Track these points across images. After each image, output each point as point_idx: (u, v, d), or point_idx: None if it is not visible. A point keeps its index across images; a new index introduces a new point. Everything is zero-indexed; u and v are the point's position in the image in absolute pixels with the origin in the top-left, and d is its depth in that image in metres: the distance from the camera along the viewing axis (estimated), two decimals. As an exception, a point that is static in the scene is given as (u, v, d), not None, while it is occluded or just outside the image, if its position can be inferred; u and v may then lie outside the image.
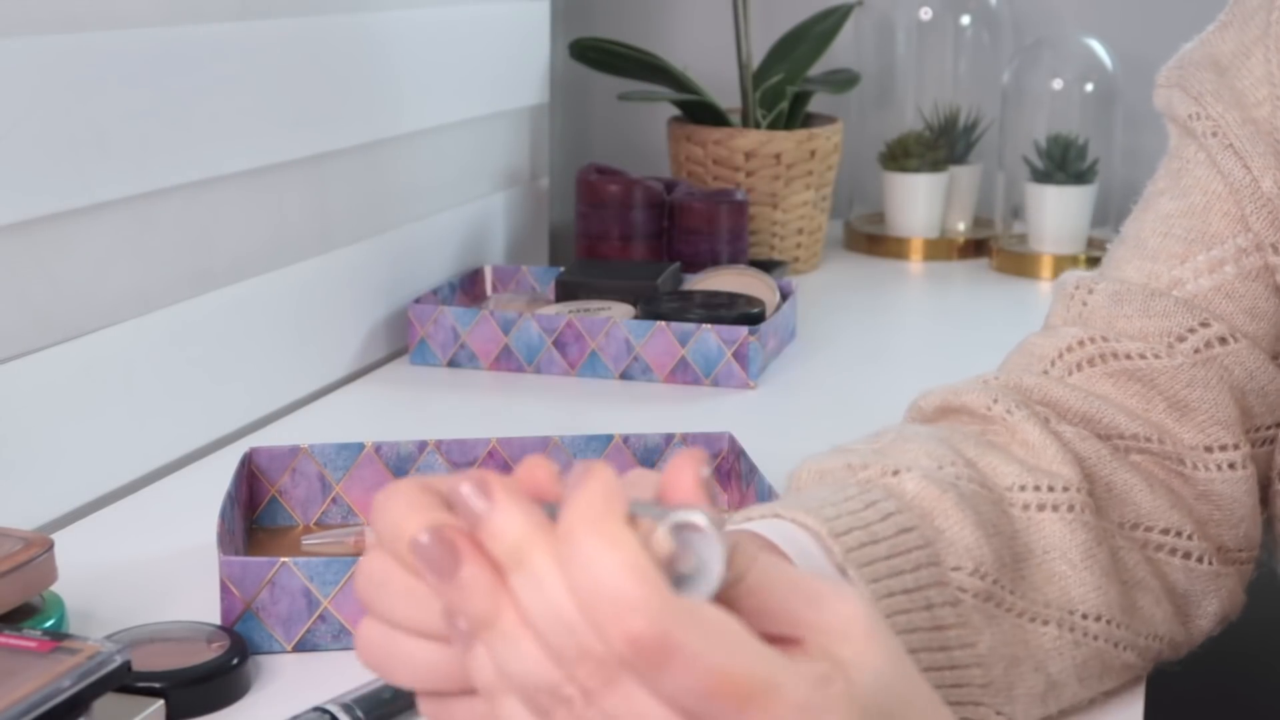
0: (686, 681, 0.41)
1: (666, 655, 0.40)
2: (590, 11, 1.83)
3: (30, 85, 0.91)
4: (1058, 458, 0.72)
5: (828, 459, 0.71)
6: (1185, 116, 0.81)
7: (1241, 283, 0.78)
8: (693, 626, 0.41)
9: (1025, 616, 0.68)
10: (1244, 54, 0.81)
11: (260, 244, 1.15)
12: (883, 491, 0.66)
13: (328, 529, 0.93)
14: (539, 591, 0.42)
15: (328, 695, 0.70)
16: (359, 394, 1.23)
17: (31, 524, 0.92)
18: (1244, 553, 0.78)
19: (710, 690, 0.41)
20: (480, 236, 1.49)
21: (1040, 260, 1.62)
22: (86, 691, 0.62)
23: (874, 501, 0.65)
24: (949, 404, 0.77)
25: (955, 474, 0.69)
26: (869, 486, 0.67)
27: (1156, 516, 0.75)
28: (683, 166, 1.61)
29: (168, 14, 1.03)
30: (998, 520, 0.69)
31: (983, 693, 0.66)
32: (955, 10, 1.74)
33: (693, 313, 1.26)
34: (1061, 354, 0.79)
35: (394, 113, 1.31)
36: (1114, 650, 0.72)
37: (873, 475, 0.68)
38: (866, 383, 1.26)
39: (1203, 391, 0.76)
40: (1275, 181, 0.78)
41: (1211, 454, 0.76)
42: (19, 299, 0.92)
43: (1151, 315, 0.78)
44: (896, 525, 0.64)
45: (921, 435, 0.72)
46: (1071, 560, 0.70)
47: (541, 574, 0.42)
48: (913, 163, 1.70)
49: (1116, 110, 1.62)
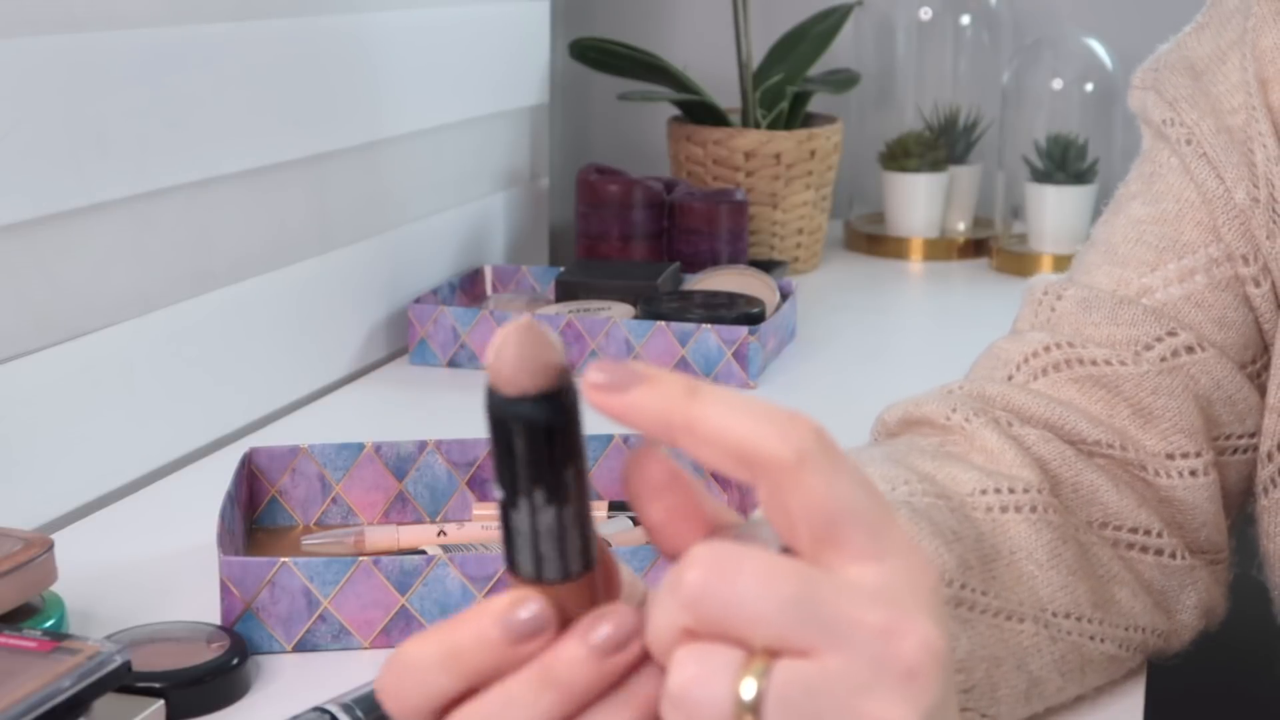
0: (847, 474, 0.41)
1: (835, 447, 0.41)
2: (590, 11, 1.83)
3: (30, 85, 0.91)
4: (1017, 461, 0.73)
5: None
6: (1160, 121, 0.81)
7: (1211, 292, 0.78)
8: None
9: (1001, 615, 0.68)
10: (1220, 58, 0.81)
11: (260, 244, 1.15)
12: None
13: (328, 529, 0.93)
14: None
15: (328, 695, 0.70)
16: (359, 394, 1.23)
17: (31, 524, 0.92)
18: (1209, 555, 0.78)
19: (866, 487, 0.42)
20: (480, 236, 1.49)
21: (1040, 260, 1.62)
22: (86, 691, 0.62)
23: None
24: (910, 415, 0.78)
25: (908, 491, 0.69)
26: None
27: (1125, 515, 0.75)
28: (683, 166, 1.61)
29: (167, 14, 1.03)
30: (958, 527, 0.69)
31: (967, 698, 0.66)
32: (955, 10, 1.74)
33: (693, 313, 1.26)
34: (1027, 359, 0.79)
35: (394, 113, 1.31)
36: (1091, 644, 0.72)
37: None
38: (866, 383, 1.26)
39: (1167, 399, 0.76)
40: (1248, 193, 0.78)
41: (1173, 461, 0.76)
42: (19, 299, 0.92)
43: (1119, 323, 0.78)
44: None
45: (876, 459, 0.73)
46: (1038, 560, 0.70)
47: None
48: (913, 163, 1.70)
49: (1116, 110, 1.62)
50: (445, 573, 0.79)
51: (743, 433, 0.41)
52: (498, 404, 0.40)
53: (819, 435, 0.41)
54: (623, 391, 0.41)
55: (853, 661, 0.40)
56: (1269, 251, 0.77)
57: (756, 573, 0.40)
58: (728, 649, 0.40)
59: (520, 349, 0.40)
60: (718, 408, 0.41)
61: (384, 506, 0.95)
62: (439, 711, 0.43)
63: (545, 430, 0.40)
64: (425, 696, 0.42)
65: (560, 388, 0.40)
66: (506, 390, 0.40)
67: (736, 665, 0.40)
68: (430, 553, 0.82)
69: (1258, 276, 0.78)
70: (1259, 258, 0.78)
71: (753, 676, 0.40)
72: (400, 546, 0.89)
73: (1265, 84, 0.78)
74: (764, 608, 0.40)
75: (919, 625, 0.40)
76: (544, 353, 0.40)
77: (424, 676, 0.42)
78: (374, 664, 0.76)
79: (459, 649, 0.42)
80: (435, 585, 0.79)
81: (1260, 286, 0.78)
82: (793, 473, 0.40)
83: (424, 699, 0.43)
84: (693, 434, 0.41)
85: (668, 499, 0.42)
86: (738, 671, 0.40)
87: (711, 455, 0.41)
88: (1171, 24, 0.87)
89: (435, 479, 0.95)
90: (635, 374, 0.41)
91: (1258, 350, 0.79)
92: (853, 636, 0.40)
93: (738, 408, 0.41)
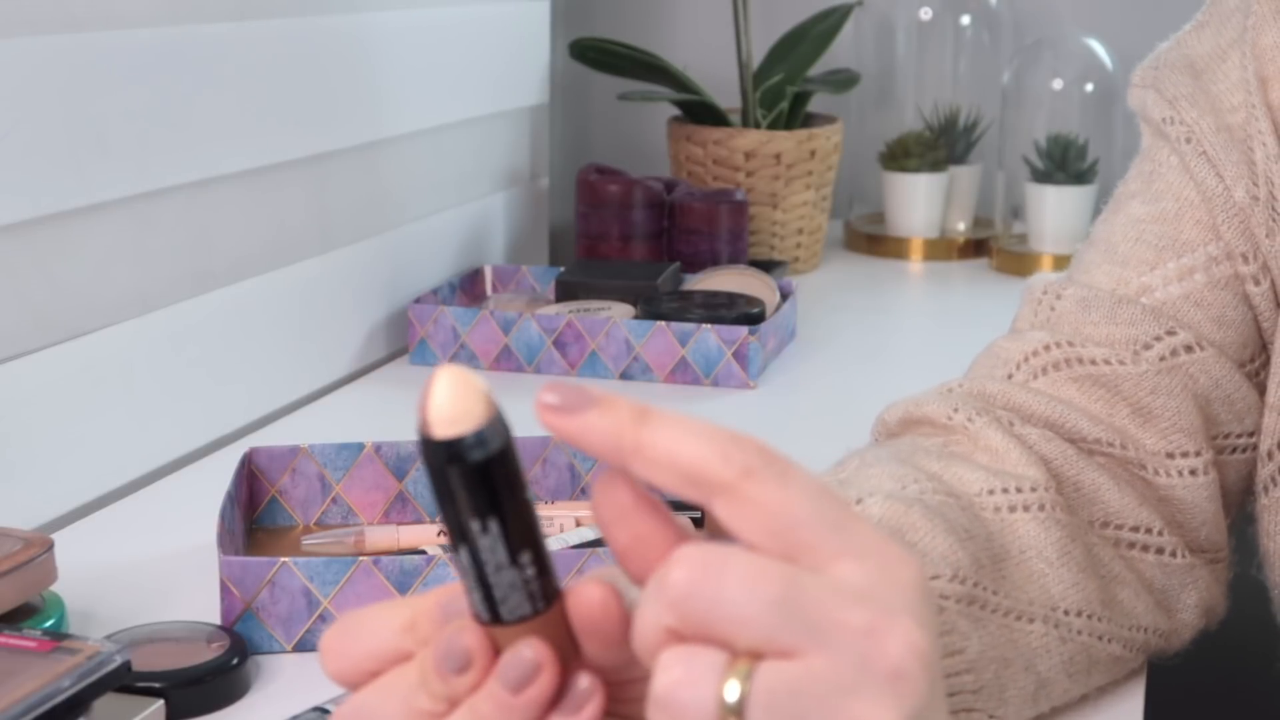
0: (805, 485, 0.42)
1: (784, 464, 0.42)
2: (590, 11, 1.83)
3: (30, 85, 0.91)
4: (1022, 460, 0.73)
5: None
6: (1159, 120, 0.81)
7: (1211, 291, 0.78)
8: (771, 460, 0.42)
9: (1011, 615, 0.68)
10: (1220, 57, 0.81)
11: (260, 244, 1.15)
12: None
13: (328, 529, 0.93)
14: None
15: (328, 695, 0.70)
16: (359, 394, 1.23)
17: (31, 524, 0.92)
18: (1209, 554, 0.79)
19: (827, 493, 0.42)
20: (480, 236, 1.49)
21: (1040, 260, 1.62)
22: (86, 691, 0.62)
23: None
24: (911, 415, 0.78)
25: (920, 490, 0.69)
26: None
27: (1126, 514, 0.75)
28: (683, 166, 1.61)
29: (167, 14, 1.03)
30: (970, 525, 0.69)
31: (975, 698, 0.66)
32: (955, 10, 1.74)
33: (693, 313, 1.26)
34: (1026, 358, 0.79)
35: (394, 113, 1.31)
36: (1099, 644, 0.72)
37: None
38: (866, 383, 1.26)
39: (1166, 399, 0.76)
40: (1247, 191, 0.78)
41: (1173, 460, 0.76)
42: (19, 299, 0.92)
43: (1118, 322, 0.78)
44: None
45: (883, 458, 0.73)
46: (1048, 558, 0.70)
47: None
48: (913, 163, 1.70)
49: (1116, 110, 1.62)
50: (445, 573, 0.79)
51: (689, 455, 0.41)
52: (428, 448, 0.41)
53: (763, 451, 0.42)
54: (574, 414, 0.42)
55: (837, 663, 0.40)
56: (1268, 250, 0.77)
57: (741, 573, 0.40)
58: (712, 651, 0.40)
59: (449, 390, 0.40)
60: (665, 431, 0.41)
61: (384, 506, 0.95)
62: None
63: (477, 468, 0.40)
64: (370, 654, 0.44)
65: (487, 424, 0.40)
66: (436, 433, 0.40)
67: (721, 667, 0.40)
68: (430, 553, 0.82)
69: (1257, 275, 0.78)
70: (1258, 256, 0.78)
71: (736, 678, 0.40)
72: (400, 546, 0.89)
73: (1265, 82, 0.78)
74: (748, 609, 0.40)
75: (902, 625, 0.40)
76: (470, 393, 0.40)
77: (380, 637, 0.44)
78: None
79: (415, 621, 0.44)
80: (435, 585, 0.79)
81: (1260, 285, 0.78)
82: (741, 489, 0.41)
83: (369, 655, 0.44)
84: (642, 457, 0.41)
85: (635, 523, 0.42)
86: (722, 673, 0.40)
87: (661, 477, 0.42)
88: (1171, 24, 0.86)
89: (435, 479, 0.95)
90: (587, 397, 0.42)
91: (1257, 349, 0.79)
92: (837, 637, 0.40)
93: (685, 431, 0.41)
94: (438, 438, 0.40)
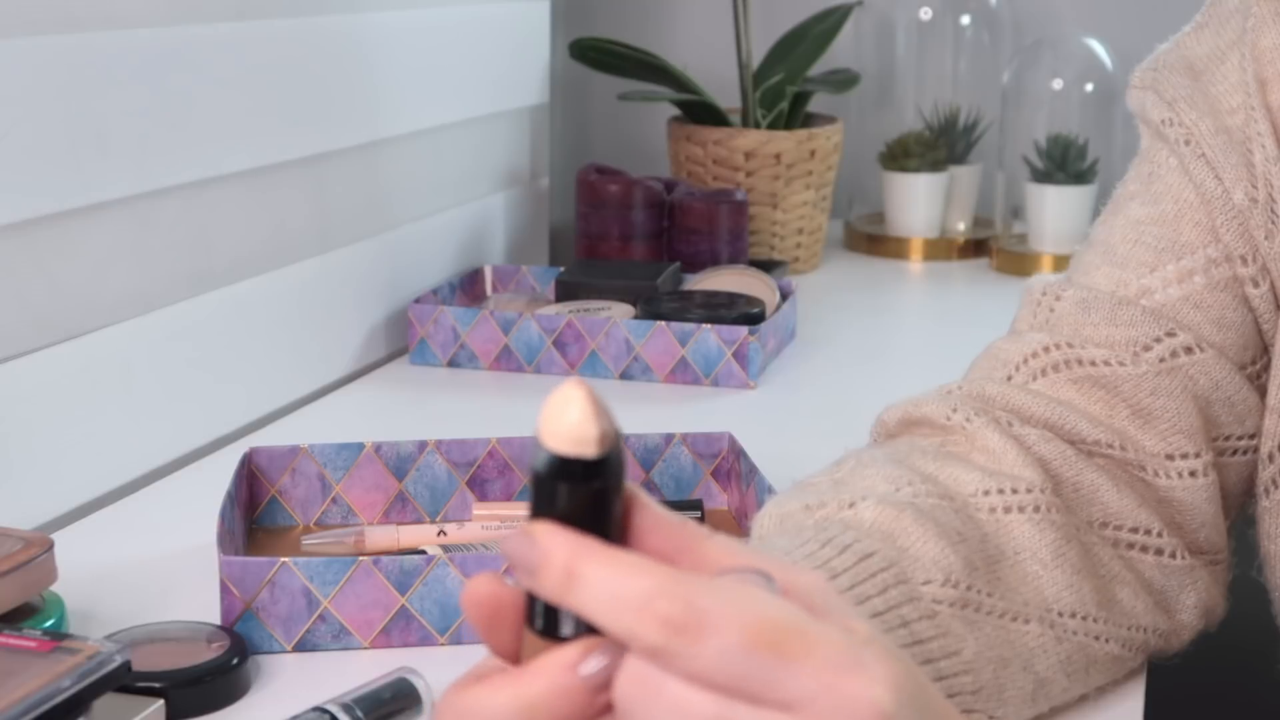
0: (724, 641, 0.41)
1: (699, 624, 0.41)
2: (590, 11, 1.83)
3: (30, 85, 0.91)
4: (1019, 461, 0.73)
5: (787, 500, 0.72)
6: (1158, 121, 0.81)
7: (1210, 293, 0.78)
8: (713, 593, 0.41)
9: (1007, 616, 0.68)
10: (1219, 58, 0.81)
11: (259, 244, 1.15)
12: (840, 526, 0.67)
13: (328, 529, 0.93)
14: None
15: (328, 695, 0.70)
16: (359, 394, 1.23)
17: (31, 524, 0.92)
18: (1209, 555, 0.78)
19: (749, 642, 0.41)
20: (480, 236, 1.49)
21: (1040, 260, 1.62)
22: (86, 691, 0.62)
23: (830, 538, 0.65)
24: (910, 416, 0.78)
25: (913, 492, 0.69)
26: (825, 525, 0.67)
27: (1125, 515, 0.75)
28: (683, 166, 1.61)
29: (167, 14, 1.03)
30: (962, 527, 0.69)
31: (974, 699, 0.66)
32: (955, 10, 1.74)
33: (693, 313, 1.26)
34: (1026, 359, 0.79)
35: (393, 113, 1.31)
36: (1096, 644, 0.72)
37: (829, 512, 0.69)
38: (866, 383, 1.26)
39: (1166, 400, 0.76)
40: (1246, 193, 0.77)
41: (1173, 461, 0.76)
42: (19, 299, 0.92)
43: (1118, 324, 0.78)
44: (856, 554, 0.65)
45: (879, 459, 0.73)
46: (1042, 560, 0.70)
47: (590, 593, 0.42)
48: (913, 163, 1.70)
49: (1116, 110, 1.62)
50: (445, 573, 0.79)
51: (608, 626, 0.41)
52: (548, 459, 0.41)
53: (665, 622, 0.41)
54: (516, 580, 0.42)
55: None
56: (1268, 252, 0.77)
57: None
58: None
59: (583, 411, 0.40)
60: (584, 597, 0.41)
61: (384, 506, 0.95)
62: None
63: (595, 494, 0.41)
64: None
65: (611, 453, 0.41)
66: (560, 448, 0.41)
67: None
68: (430, 553, 0.82)
69: (1256, 277, 0.78)
70: (1258, 258, 0.78)
71: None
72: (400, 546, 0.89)
73: (1264, 84, 0.78)
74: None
75: (863, 688, 0.41)
76: (601, 419, 0.41)
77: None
78: (374, 664, 0.76)
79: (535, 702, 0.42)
80: (435, 585, 0.79)
81: (1259, 287, 0.78)
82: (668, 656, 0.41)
83: None
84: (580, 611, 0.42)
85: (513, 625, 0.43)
86: None
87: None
88: (1171, 24, 0.86)
89: (435, 479, 0.95)
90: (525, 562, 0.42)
91: (1257, 351, 0.79)
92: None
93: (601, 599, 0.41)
94: (561, 454, 0.40)
